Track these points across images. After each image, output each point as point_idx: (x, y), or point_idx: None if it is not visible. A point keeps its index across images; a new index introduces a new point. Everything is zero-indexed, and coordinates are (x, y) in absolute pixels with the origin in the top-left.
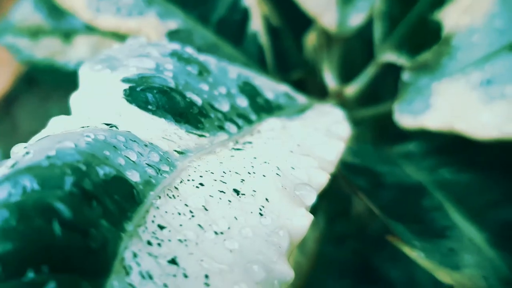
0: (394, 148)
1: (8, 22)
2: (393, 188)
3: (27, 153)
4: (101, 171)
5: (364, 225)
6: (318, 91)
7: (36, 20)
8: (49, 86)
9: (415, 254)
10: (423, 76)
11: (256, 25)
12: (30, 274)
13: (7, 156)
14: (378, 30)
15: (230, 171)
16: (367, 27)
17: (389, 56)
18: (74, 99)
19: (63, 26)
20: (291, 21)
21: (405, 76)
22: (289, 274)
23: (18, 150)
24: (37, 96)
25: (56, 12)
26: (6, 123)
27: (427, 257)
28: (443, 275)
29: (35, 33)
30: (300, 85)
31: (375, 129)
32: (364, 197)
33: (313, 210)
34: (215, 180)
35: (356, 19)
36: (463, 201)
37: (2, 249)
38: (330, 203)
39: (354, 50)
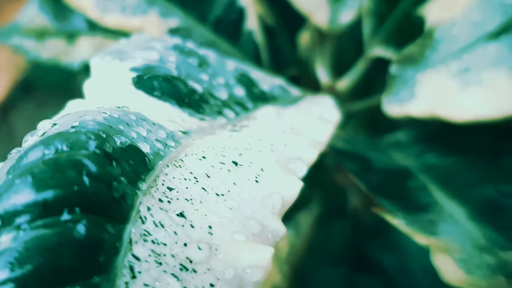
0: (384, 138)
1: (16, 24)
2: (381, 171)
3: (55, 124)
4: (118, 140)
5: (358, 216)
6: (311, 87)
7: (42, 22)
8: (45, 92)
9: (397, 222)
10: (408, 68)
11: (252, 24)
12: (66, 214)
13: None
14: (367, 26)
15: (229, 147)
16: (357, 25)
17: (377, 50)
18: (87, 86)
19: (67, 27)
20: (285, 20)
21: (393, 69)
22: (281, 230)
23: (43, 125)
24: (33, 103)
25: (61, 14)
26: (3, 130)
27: (407, 224)
28: (420, 238)
29: (41, 34)
30: (294, 82)
31: (366, 121)
32: (353, 177)
33: (308, 198)
34: (216, 154)
35: (346, 16)
36: (446, 181)
37: (45, 195)
38: (325, 194)
39: (345, 46)
